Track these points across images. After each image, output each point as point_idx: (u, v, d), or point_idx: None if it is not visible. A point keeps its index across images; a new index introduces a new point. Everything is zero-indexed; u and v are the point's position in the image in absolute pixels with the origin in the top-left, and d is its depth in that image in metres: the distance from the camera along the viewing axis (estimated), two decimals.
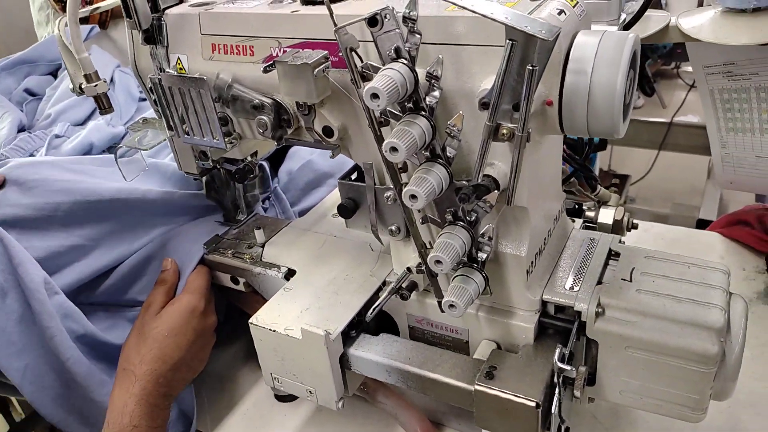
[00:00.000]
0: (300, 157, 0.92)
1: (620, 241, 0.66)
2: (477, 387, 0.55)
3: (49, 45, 1.39)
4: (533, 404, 0.52)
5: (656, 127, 2.39)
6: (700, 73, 0.90)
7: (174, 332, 0.68)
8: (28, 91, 1.32)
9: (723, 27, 0.76)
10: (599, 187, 0.79)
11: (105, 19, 1.83)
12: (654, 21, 0.78)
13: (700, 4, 1.18)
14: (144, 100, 1.27)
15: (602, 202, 0.78)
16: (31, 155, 1.02)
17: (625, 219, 0.73)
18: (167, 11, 0.63)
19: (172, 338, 0.68)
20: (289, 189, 0.90)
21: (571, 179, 0.83)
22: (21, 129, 1.19)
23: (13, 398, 1.63)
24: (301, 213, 0.89)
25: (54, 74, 1.37)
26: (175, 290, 0.73)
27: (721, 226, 1.02)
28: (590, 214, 0.73)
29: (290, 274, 0.71)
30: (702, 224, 2.17)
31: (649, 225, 1.02)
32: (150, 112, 1.09)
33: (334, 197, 0.85)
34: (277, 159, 0.94)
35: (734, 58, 0.84)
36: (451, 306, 0.53)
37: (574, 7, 0.50)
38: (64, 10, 1.85)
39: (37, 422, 1.67)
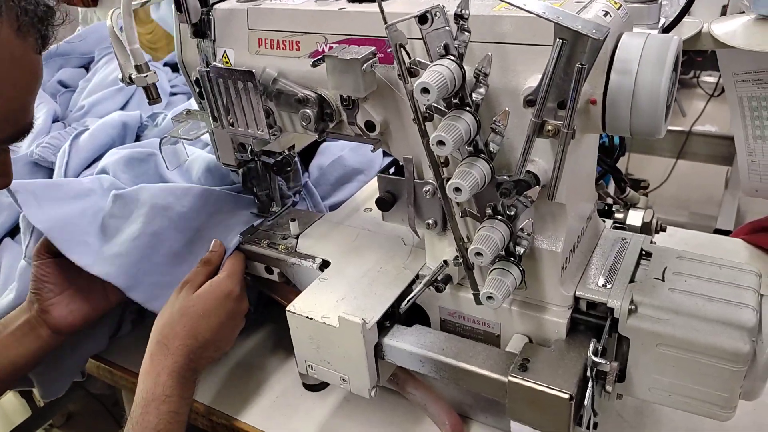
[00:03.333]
0: (331, 153, 0.94)
1: (651, 242, 0.67)
2: (511, 378, 0.56)
3: (82, 38, 1.42)
4: (567, 396, 0.53)
5: (675, 135, 2.39)
6: (730, 80, 0.91)
7: (208, 313, 0.70)
8: (61, 83, 1.35)
9: (756, 34, 0.77)
10: (628, 189, 0.80)
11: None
12: (687, 27, 0.79)
13: (724, 13, 1.19)
14: (174, 94, 1.30)
15: (631, 204, 0.79)
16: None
17: (654, 221, 0.74)
18: (216, 6, 0.65)
19: (206, 318, 0.69)
20: (320, 184, 0.92)
21: (599, 182, 0.84)
22: (55, 119, 1.22)
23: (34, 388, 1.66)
24: (332, 207, 0.91)
25: (86, 67, 1.40)
26: (216, 272, 0.75)
27: (745, 233, 1.03)
28: (619, 215, 0.74)
29: (324, 265, 0.72)
30: (719, 234, 2.16)
31: (673, 230, 1.03)
32: (178, 108, 1.12)
33: (366, 192, 0.87)
34: (308, 154, 0.96)
35: (765, 65, 0.84)
36: (489, 297, 0.54)
37: (618, 9, 0.51)
38: None
39: (56, 409, 1.70)
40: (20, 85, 0.54)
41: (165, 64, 1.40)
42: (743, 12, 0.86)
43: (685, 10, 0.67)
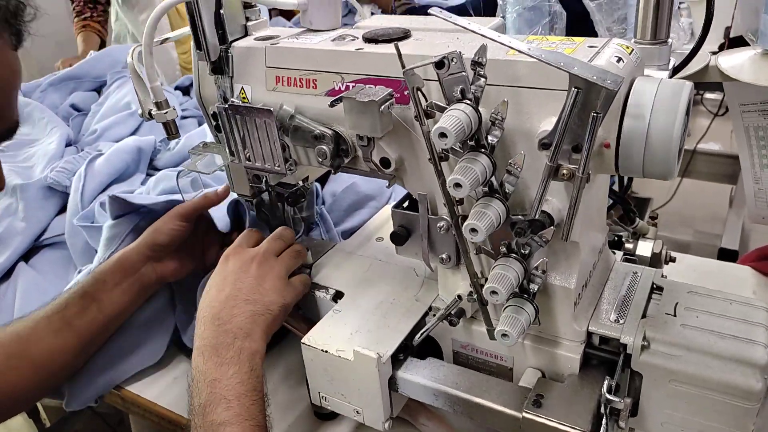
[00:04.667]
0: (343, 180, 0.95)
1: (662, 275, 0.67)
2: (525, 414, 0.57)
3: (94, 63, 1.44)
4: None
5: None
6: (736, 110, 0.92)
7: (211, 282, 0.70)
8: (74, 107, 1.37)
9: (762, 69, 0.78)
10: (638, 219, 0.81)
11: None
12: (694, 60, 0.80)
13: (727, 35, 1.20)
14: (185, 117, 1.32)
15: (640, 235, 0.80)
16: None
17: (663, 252, 0.75)
18: (234, 44, 0.66)
19: (212, 288, 0.69)
20: (333, 210, 0.93)
21: (609, 210, 0.85)
22: (68, 144, 1.23)
23: (40, 406, 1.66)
24: (344, 233, 0.92)
25: (98, 90, 1.42)
26: None
27: (752, 260, 1.03)
28: (629, 246, 0.75)
29: (338, 296, 0.73)
30: (724, 253, 2.16)
31: (681, 257, 1.03)
32: (191, 134, 1.14)
33: (377, 221, 0.88)
34: (320, 181, 0.97)
35: None
36: (504, 335, 0.55)
37: (630, 53, 0.53)
38: None
39: (63, 429, 1.70)
40: (1, 83, 0.54)
41: (176, 88, 1.42)
42: (748, 44, 0.88)
43: (695, 52, 0.69)
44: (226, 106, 0.64)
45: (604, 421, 0.56)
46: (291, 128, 0.64)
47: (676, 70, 0.68)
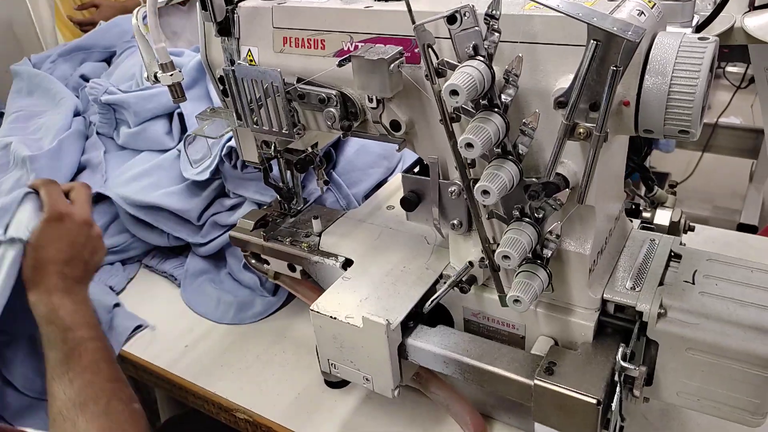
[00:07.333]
0: (354, 141, 0.95)
1: (681, 243, 0.65)
2: (537, 382, 0.55)
3: (104, 32, 1.42)
4: (594, 401, 0.53)
5: None
6: (762, 75, 0.88)
7: (44, 241, 0.76)
8: (83, 77, 1.35)
9: None
10: (656, 188, 0.78)
11: None
12: (718, 22, 0.77)
13: (752, 2, 1.15)
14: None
15: (658, 203, 0.78)
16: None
17: (682, 221, 0.72)
18: (240, 4, 0.65)
19: (49, 245, 0.76)
20: (348, 171, 0.93)
21: (626, 179, 0.82)
22: (77, 114, 1.23)
23: None
24: (363, 194, 0.93)
25: (108, 61, 1.40)
26: None
27: None
28: (646, 214, 0.73)
29: (347, 263, 0.72)
30: (743, 228, 2.13)
31: (700, 228, 1.01)
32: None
33: (387, 190, 0.86)
34: (332, 146, 0.97)
35: None
36: (516, 301, 0.53)
37: (652, 8, 0.50)
38: None
39: None
40: None
41: None
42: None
43: (720, 8, 0.65)
44: (233, 68, 0.63)
45: (618, 390, 0.54)
46: (299, 91, 0.62)
47: (699, 28, 0.65)
